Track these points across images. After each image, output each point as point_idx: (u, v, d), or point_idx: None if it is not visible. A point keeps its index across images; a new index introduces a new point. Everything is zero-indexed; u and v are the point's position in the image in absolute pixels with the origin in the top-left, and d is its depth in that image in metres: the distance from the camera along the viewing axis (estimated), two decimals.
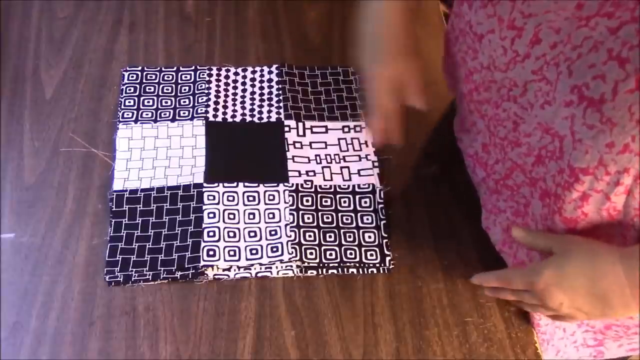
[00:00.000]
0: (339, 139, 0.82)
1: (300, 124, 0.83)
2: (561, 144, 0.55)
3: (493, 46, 0.59)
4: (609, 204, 0.54)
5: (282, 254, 0.72)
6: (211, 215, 0.74)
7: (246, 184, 0.77)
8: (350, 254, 0.73)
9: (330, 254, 0.73)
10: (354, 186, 0.78)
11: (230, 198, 0.76)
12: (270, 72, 0.88)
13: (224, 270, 0.71)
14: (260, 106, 0.85)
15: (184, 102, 0.84)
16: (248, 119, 0.83)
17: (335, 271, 0.73)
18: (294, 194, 0.76)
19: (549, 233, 0.62)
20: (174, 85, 0.86)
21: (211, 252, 0.71)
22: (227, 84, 0.86)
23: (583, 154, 0.52)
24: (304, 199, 0.77)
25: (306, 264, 0.72)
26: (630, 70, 0.46)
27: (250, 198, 0.76)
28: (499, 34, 0.58)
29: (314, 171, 0.79)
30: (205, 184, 0.76)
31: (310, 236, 0.74)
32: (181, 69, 0.87)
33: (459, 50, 0.68)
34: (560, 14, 0.51)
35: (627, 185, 0.52)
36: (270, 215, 0.75)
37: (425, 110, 0.70)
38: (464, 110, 0.73)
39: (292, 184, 0.77)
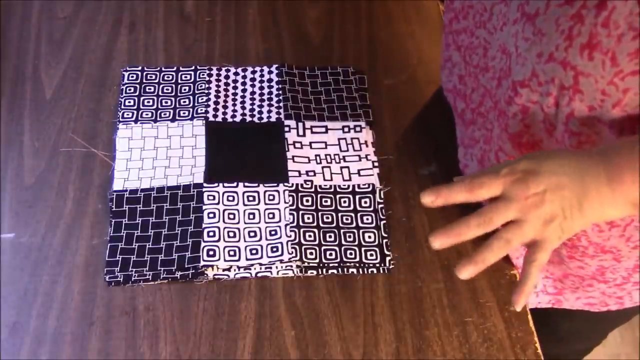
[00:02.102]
0: (339, 139, 0.82)
1: (300, 124, 0.83)
2: (509, 60, 0.59)
3: None
4: (543, 115, 0.57)
5: (282, 254, 0.72)
6: (211, 215, 0.74)
7: (246, 184, 0.77)
8: (350, 254, 0.73)
9: (330, 254, 0.73)
10: (354, 186, 0.78)
11: (230, 198, 0.76)
12: (270, 72, 0.88)
13: (224, 270, 0.71)
14: (260, 106, 0.85)
15: (184, 102, 0.84)
16: (248, 119, 0.83)
17: (335, 271, 0.73)
18: (294, 194, 0.76)
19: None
20: (174, 85, 0.86)
21: (211, 252, 0.71)
22: (227, 84, 0.86)
23: (521, 66, 0.56)
24: (304, 199, 0.77)
25: (306, 264, 0.72)
26: None
27: (250, 198, 0.76)
28: None
29: (314, 171, 0.79)
30: (205, 184, 0.76)
31: (310, 236, 0.74)
32: (181, 69, 0.87)
33: None
34: None
35: (555, 95, 0.55)
36: (270, 215, 0.75)
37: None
38: (444, 44, 0.76)
39: (292, 184, 0.77)
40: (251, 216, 0.75)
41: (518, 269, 0.74)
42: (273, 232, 0.74)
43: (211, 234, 0.72)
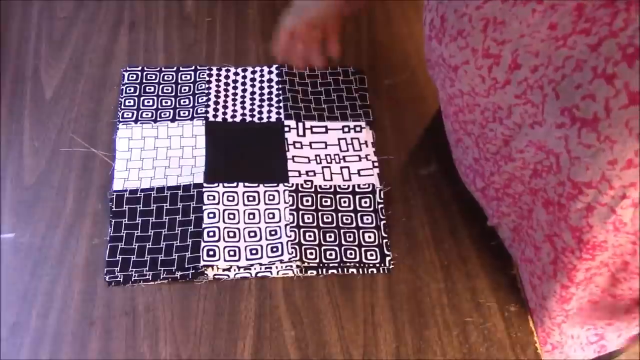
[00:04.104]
0: (339, 139, 0.82)
1: (300, 124, 0.83)
2: (557, 160, 0.54)
3: (470, 76, 0.59)
4: (615, 217, 0.53)
5: (282, 254, 0.72)
6: (211, 215, 0.74)
7: (246, 184, 0.77)
8: (350, 254, 0.73)
9: (330, 254, 0.73)
10: (354, 186, 0.78)
11: (230, 198, 0.76)
12: (270, 72, 0.88)
13: (224, 270, 0.71)
14: (260, 106, 0.85)
15: (184, 102, 0.84)
16: (248, 119, 0.83)
17: (335, 271, 0.73)
18: (294, 194, 0.76)
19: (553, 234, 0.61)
20: (174, 85, 0.86)
21: (211, 252, 0.71)
22: (227, 84, 0.86)
23: (584, 170, 0.51)
24: (304, 199, 0.77)
25: (306, 264, 0.72)
26: (619, 86, 0.45)
27: (250, 198, 0.76)
28: (474, 64, 0.57)
29: (314, 171, 0.79)
30: (205, 184, 0.76)
31: (310, 236, 0.74)
32: (181, 69, 0.87)
33: (436, 77, 0.67)
34: (535, 36, 0.50)
35: (635, 198, 0.50)
36: (270, 215, 0.75)
37: (336, 56, 0.80)
38: (449, 128, 0.72)
39: (292, 184, 0.77)
40: (251, 216, 0.75)
41: (518, 269, 0.74)
42: (273, 232, 0.74)
43: (211, 234, 0.72)
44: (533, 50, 0.51)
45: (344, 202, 0.77)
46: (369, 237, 0.75)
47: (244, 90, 0.86)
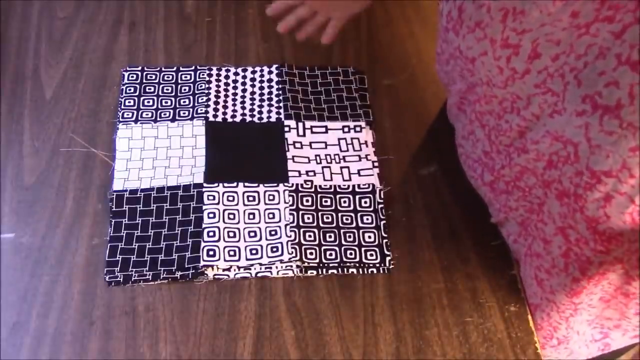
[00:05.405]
0: (339, 139, 0.82)
1: (300, 124, 0.83)
2: (576, 149, 0.54)
3: (487, 67, 0.59)
4: (633, 207, 0.52)
5: (282, 254, 0.72)
6: (211, 215, 0.74)
7: (246, 184, 0.77)
8: (350, 254, 0.73)
9: (330, 254, 0.73)
10: (354, 186, 0.78)
11: (230, 198, 0.76)
12: (270, 72, 0.88)
13: (224, 270, 0.71)
14: (260, 106, 0.85)
15: (184, 102, 0.84)
16: (248, 119, 0.83)
17: (335, 271, 0.73)
18: (294, 194, 0.76)
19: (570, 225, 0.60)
20: (174, 85, 0.86)
21: (211, 252, 0.71)
22: (227, 84, 0.86)
23: (604, 158, 0.51)
24: (304, 199, 0.77)
25: (306, 264, 0.72)
26: None
27: (250, 198, 0.76)
28: (492, 54, 0.57)
29: (314, 171, 0.79)
30: (205, 184, 0.76)
31: (310, 236, 0.74)
32: (181, 69, 0.87)
33: (452, 69, 0.67)
34: (556, 25, 0.50)
35: None
36: (270, 215, 0.75)
37: (324, 42, 0.84)
38: (462, 119, 0.72)
39: (292, 184, 0.77)
40: (251, 216, 0.75)
41: (519, 265, 0.74)
42: (273, 232, 0.74)
43: (211, 234, 0.72)
44: (554, 38, 0.51)
45: (344, 202, 0.77)
46: (369, 237, 0.75)
47: (244, 90, 0.86)
